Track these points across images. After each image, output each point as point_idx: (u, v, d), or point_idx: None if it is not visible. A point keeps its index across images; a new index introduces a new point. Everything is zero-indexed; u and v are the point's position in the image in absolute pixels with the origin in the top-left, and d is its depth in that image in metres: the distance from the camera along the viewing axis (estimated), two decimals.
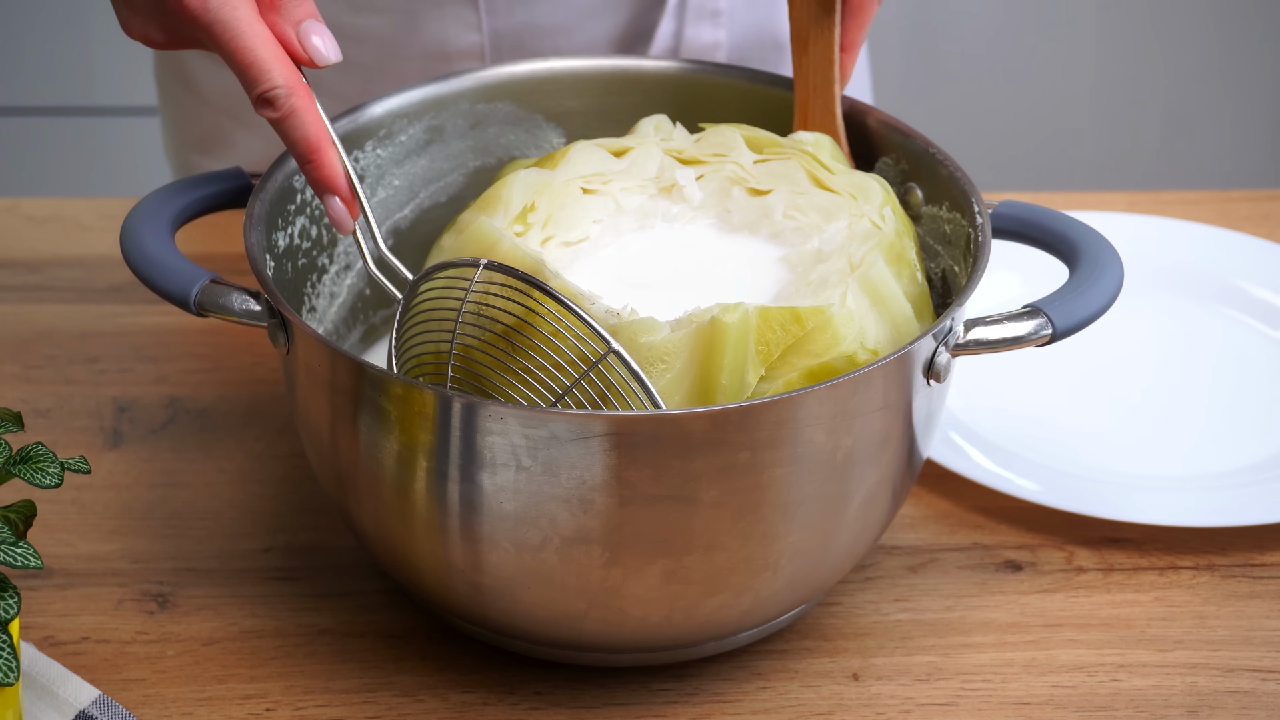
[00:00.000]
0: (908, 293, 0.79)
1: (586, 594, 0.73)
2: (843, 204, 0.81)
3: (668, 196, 0.84)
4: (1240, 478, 0.90)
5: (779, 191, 0.82)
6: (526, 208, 0.81)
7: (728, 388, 0.74)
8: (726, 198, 0.83)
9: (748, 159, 0.84)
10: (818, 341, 0.75)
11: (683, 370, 0.74)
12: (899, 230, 0.80)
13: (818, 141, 0.84)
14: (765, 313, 0.74)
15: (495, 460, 0.71)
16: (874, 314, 0.77)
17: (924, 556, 0.86)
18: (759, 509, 0.72)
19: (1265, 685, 0.79)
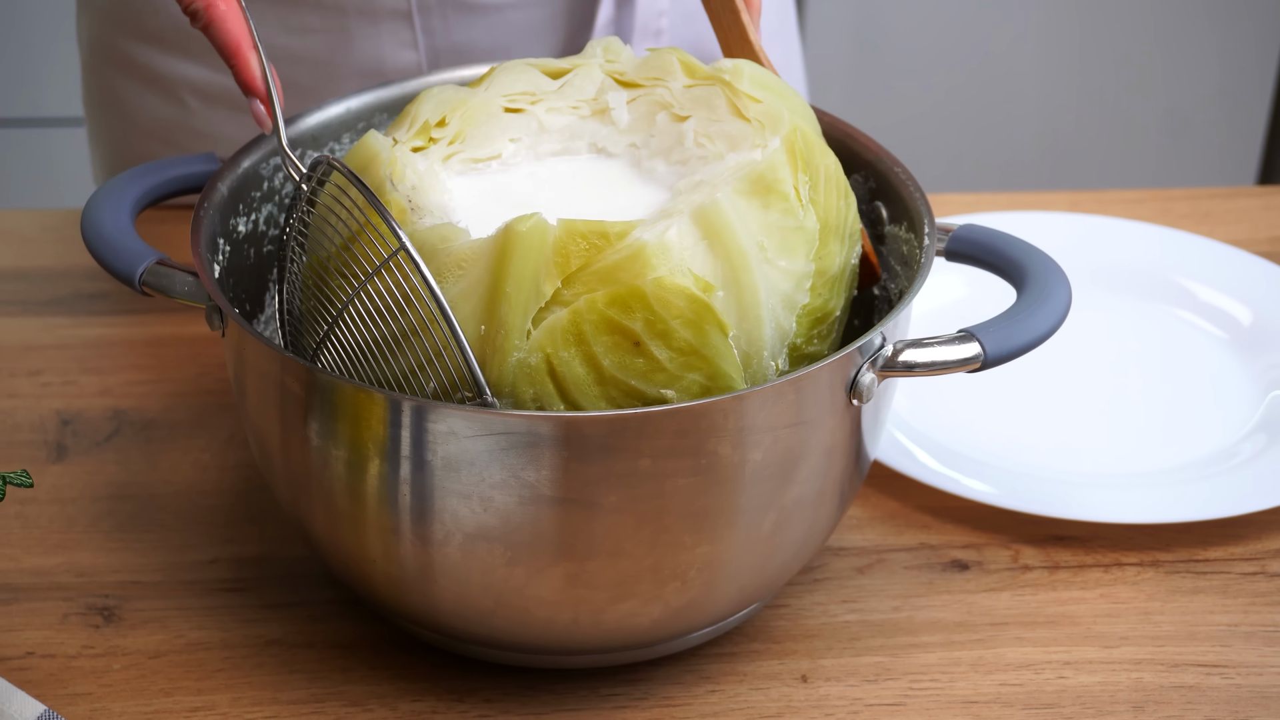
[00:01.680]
0: (773, 229, 0.76)
1: (492, 592, 0.74)
2: (749, 133, 0.78)
3: (599, 119, 0.82)
4: (1183, 474, 0.91)
5: (694, 119, 0.80)
6: (434, 122, 0.80)
7: (513, 297, 0.72)
8: (651, 123, 0.82)
9: (679, 84, 0.81)
10: (628, 268, 0.72)
11: (477, 279, 0.73)
12: (780, 161, 0.76)
13: (735, 69, 0.80)
14: (568, 225, 0.72)
15: (401, 453, 0.71)
16: (704, 246, 0.74)
17: (871, 557, 0.86)
18: (662, 518, 0.72)
19: (1209, 680, 0.80)
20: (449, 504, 0.72)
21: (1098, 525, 0.88)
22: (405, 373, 0.73)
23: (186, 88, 1.09)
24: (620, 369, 0.73)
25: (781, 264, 0.76)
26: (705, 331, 0.73)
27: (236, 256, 0.84)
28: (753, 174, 0.76)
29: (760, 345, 0.75)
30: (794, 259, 0.76)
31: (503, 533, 0.72)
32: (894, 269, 0.86)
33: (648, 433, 0.71)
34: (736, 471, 0.73)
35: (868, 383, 0.74)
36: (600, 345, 0.72)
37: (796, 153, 0.77)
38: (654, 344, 0.73)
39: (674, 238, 0.73)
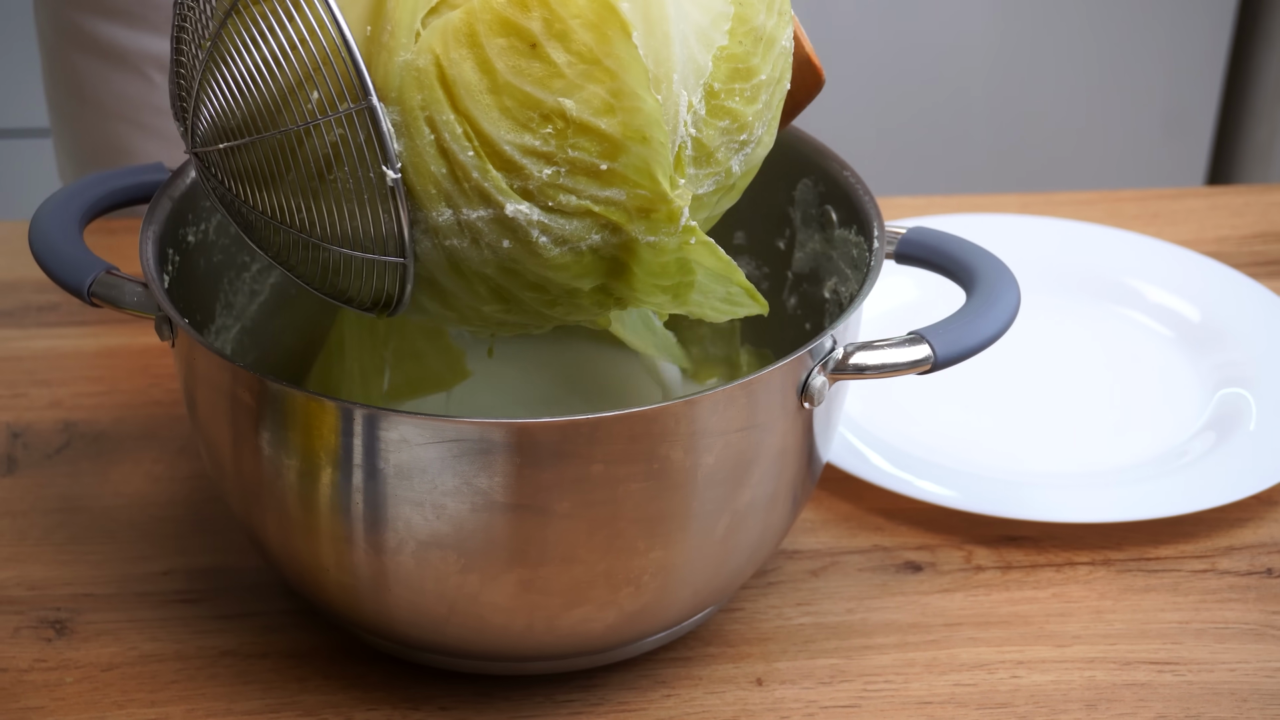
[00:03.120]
0: None
1: (446, 599, 0.74)
2: None
3: None
4: (1134, 474, 0.92)
5: None
6: None
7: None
8: None
9: None
10: None
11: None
12: None
13: None
14: None
15: (353, 462, 0.71)
16: None
17: (825, 560, 0.87)
18: (615, 523, 0.72)
19: (1161, 677, 0.80)
20: (401, 512, 0.72)
21: (1050, 525, 0.88)
22: (288, 89, 0.68)
23: (150, 62, 1.08)
24: (515, 73, 0.67)
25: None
26: (608, 37, 0.67)
27: (187, 266, 0.84)
28: None
29: (669, 67, 0.69)
30: None
31: (456, 540, 0.72)
32: (844, 272, 0.86)
33: (599, 438, 0.71)
34: (689, 476, 0.73)
35: (819, 385, 0.75)
36: (494, 47, 0.67)
37: None
38: (552, 46, 0.67)
39: None
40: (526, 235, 0.69)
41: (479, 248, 0.70)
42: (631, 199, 0.69)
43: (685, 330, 0.94)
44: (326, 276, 0.72)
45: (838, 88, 2.05)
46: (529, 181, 0.68)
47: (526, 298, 0.72)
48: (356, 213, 0.69)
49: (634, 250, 0.71)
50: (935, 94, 2.08)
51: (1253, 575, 0.86)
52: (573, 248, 0.70)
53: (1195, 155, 2.13)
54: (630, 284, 0.72)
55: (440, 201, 0.68)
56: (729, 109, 0.71)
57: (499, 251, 0.70)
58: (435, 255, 0.70)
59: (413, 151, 0.68)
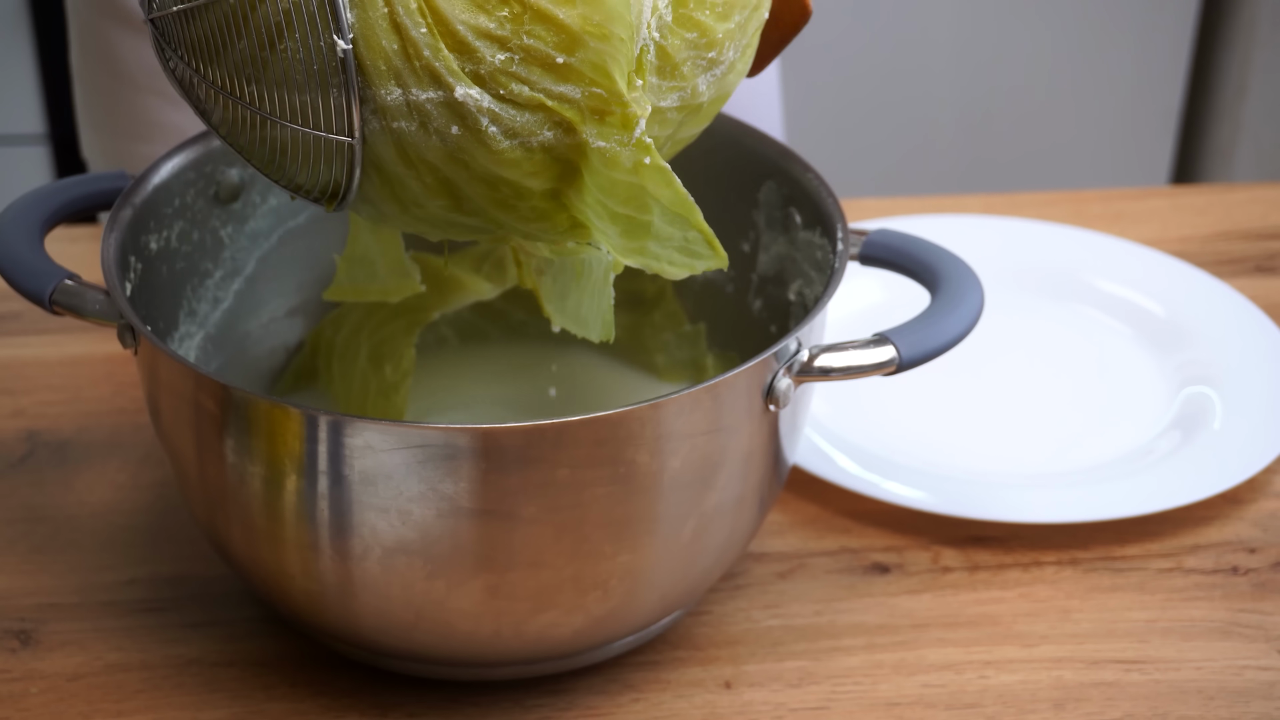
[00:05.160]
0: None
1: (413, 606, 0.73)
2: None
3: None
4: (1100, 473, 0.92)
5: None
6: None
7: None
8: None
9: None
10: None
11: None
12: None
13: None
14: None
15: (317, 468, 0.71)
16: None
17: (793, 562, 0.87)
18: (582, 527, 0.72)
19: (1129, 676, 0.80)
20: (367, 518, 0.72)
21: (1017, 525, 0.89)
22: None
23: None
24: None
25: None
26: None
27: (149, 274, 0.83)
28: None
29: None
30: None
31: (422, 546, 0.72)
32: (809, 275, 0.86)
33: (565, 442, 0.71)
34: (655, 479, 0.73)
35: (784, 388, 0.75)
36: None
37: None
38: None
39: None
40: (476, 123, 0.67)
41: (427, 133, 0.67)
42: (586, 97, 0.67)
43: (650, 336, 0.94)
44: (276, 158, 0.70)
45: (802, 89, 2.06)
46: (481, 66, 0.66)
47: (475, 193, 0.69)
48: (305, 86, 0.67)
49: (586, 155, 0.68)
50: (900, 96, 2.08)
51: (1218, 573, 0.86)
52: (523, 142, 0.68)
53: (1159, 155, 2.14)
54: (580, 194, 0.69)
55: (390, 79, 0.66)
56: (697, 21, 0.69)
57: (447, 139, 0.67)
58: (383, 139, 0.68)
59: (365, 24, 0.66)
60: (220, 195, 0.87)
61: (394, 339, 0.89)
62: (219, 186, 0.87)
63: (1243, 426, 0.94)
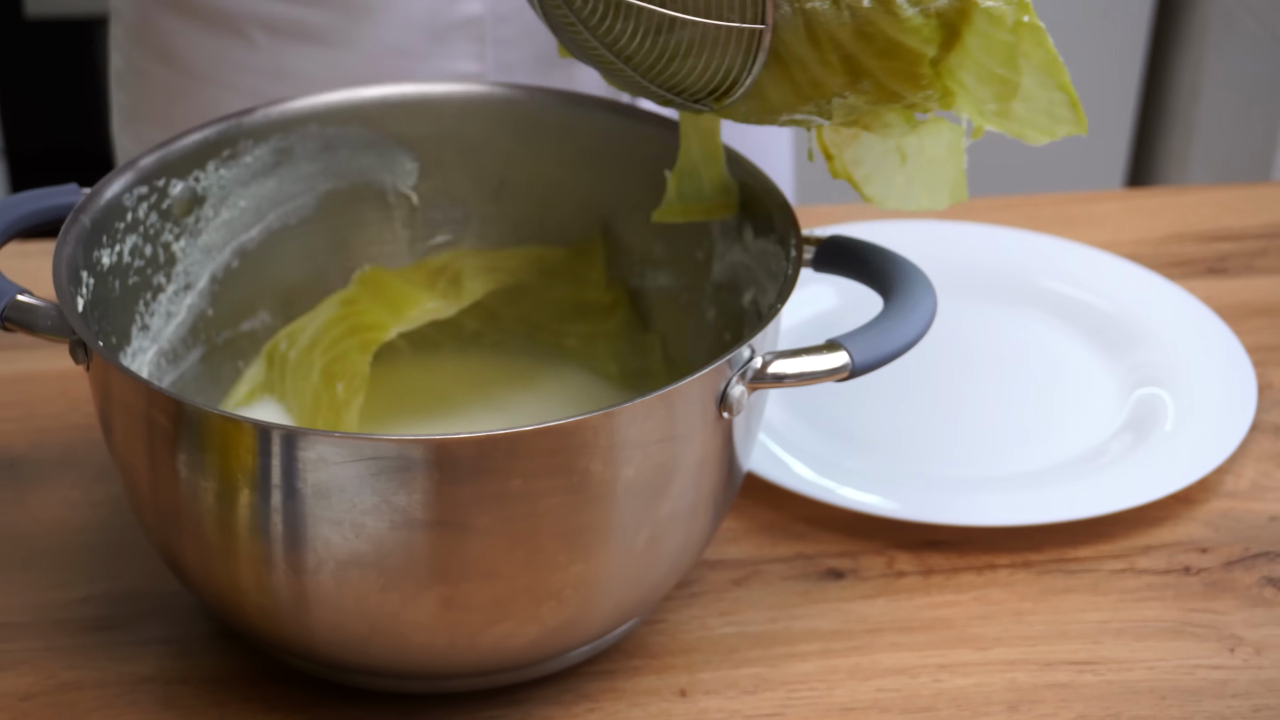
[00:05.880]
0: None
1: (367, 619, 0.73)
2: None
3: None
4: (1053, 475, 0.92)
5: None
6: None
7: None
8: None
9: None
10: None
11: None
12: None
13: None
14: None
15: (271, 482, 0.71)
16: None
17: (748, 569, 0.87)
18: (536, 537, 0.72)
19: (1082, 677, 0.81)
20: (321, 532, 0.72)
21: (970, 529, 0.89)
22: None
23: (255, 23, 1.08)
24: None
25: None
26: None
27: (101, 289, 0.83)
28: None
29: None
30: None
31: (376, 559, 0.72)
32: (762, 282, 0.86)
33: (519, 452, 0.71)
34: (609, 488, 0.73)
35: (738, 395, 0.75)
36: None
37: None
38: None
39: None
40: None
41: (839, 8, 0.71)
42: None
43: (605, 345, 0.94)
44: (669, 63, 0.73)
45: None
46: None
47: (875, 66, 0.72)
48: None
49: (969, 17, 0.72)
50: None
51: (1170, 574, 0.87)
52: (923, 9, 0.71)
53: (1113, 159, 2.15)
54: (961, 57, 0.73)
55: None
56: None
57: (857, 13, 0.71)
58: (793, 22, 0.71)
59: None
60: (173, 209, 0.87)
61: (348, 356, 0.89)
62: (172, 200, 0.87)
63: (1194, 427, 0.94)
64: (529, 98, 0.92)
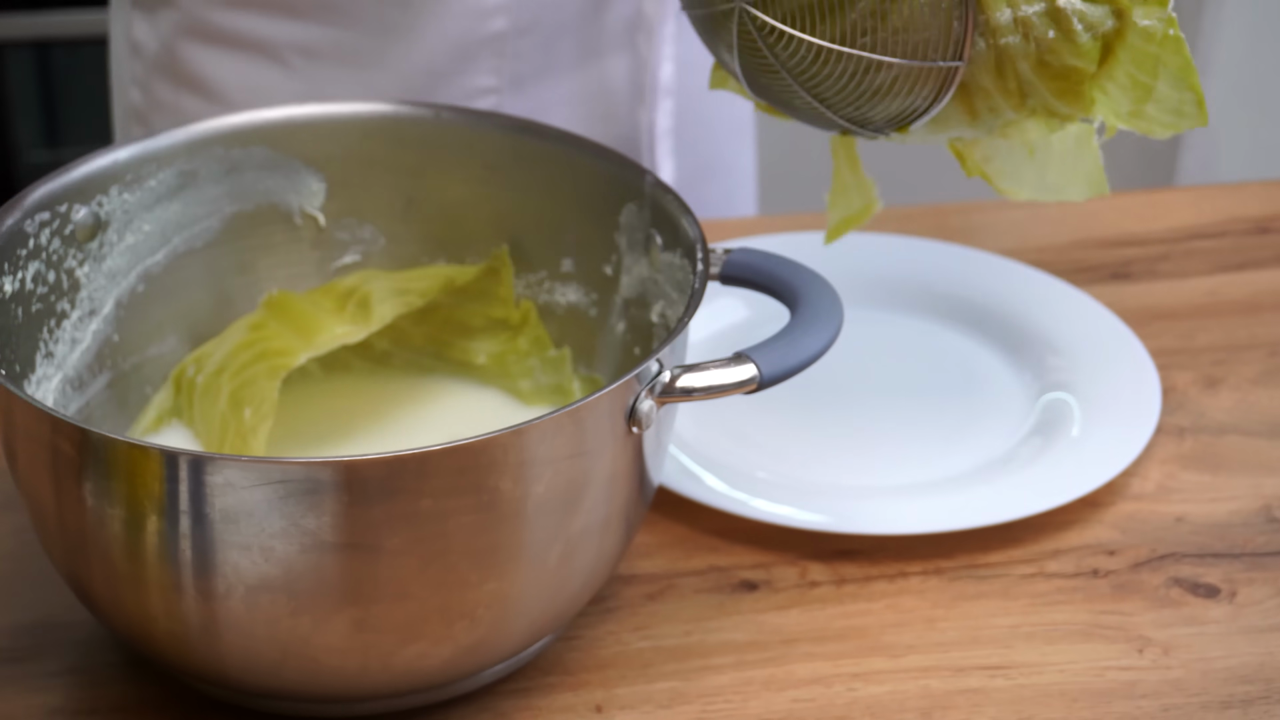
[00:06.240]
0: None
1: (278, 643, 0.73)
2: None
3: None
4: (963, 482, 0.93)
5: None
6: None
7: None
8: None
9: None
10: None
11: None
12: None
13: None
14: None
15: (178, 508, 0.70)
16: None
17: (662, 583, 0.87)
18: (447, 557, 0.72)
19: (994, 682, 0.82)
20: (230, 557, 0.71)
21: (882, 538, 0.89)
22: None
23: (292, 48, 1.09)
24: None
25: None
26: None
27: (3, 317, 0.82)
28: None
29: None
30: None
31: (286, 582, 0.72)
32: (671, 296, 0.86)
33: (427, 472, 0.70)
34: (519, 506, 0.73)
35: (646, 409, 0.75)
36: None
37: None
38: None
39: None
40: (1069, 24, 0.78)
41: (1027, 42, 0.78)
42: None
43: (515, 362, 0.94)
44: (865, 100, 0.81)
45: None
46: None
47: (1047, 87, 0.79)
48: (927, 25, 0.77)
49: (1125, 36, 0.78)
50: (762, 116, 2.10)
51: (1079, 577, 0.88)
52: (1094, 34, 0.78)
53: None
54: (1111, 70, 0.79)
55: (1003, 2, 0.77)
56: None
57: (1042, 43, 0.78)
58: (985, 56, 0.78)
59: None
60: (76, 235, 0.87)
61: (256, 382, 0.89)
62: (75, 226, 0.86)
63: (1101, 431, 0.96)
64: (434, 116, 0.92)
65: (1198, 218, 1.18)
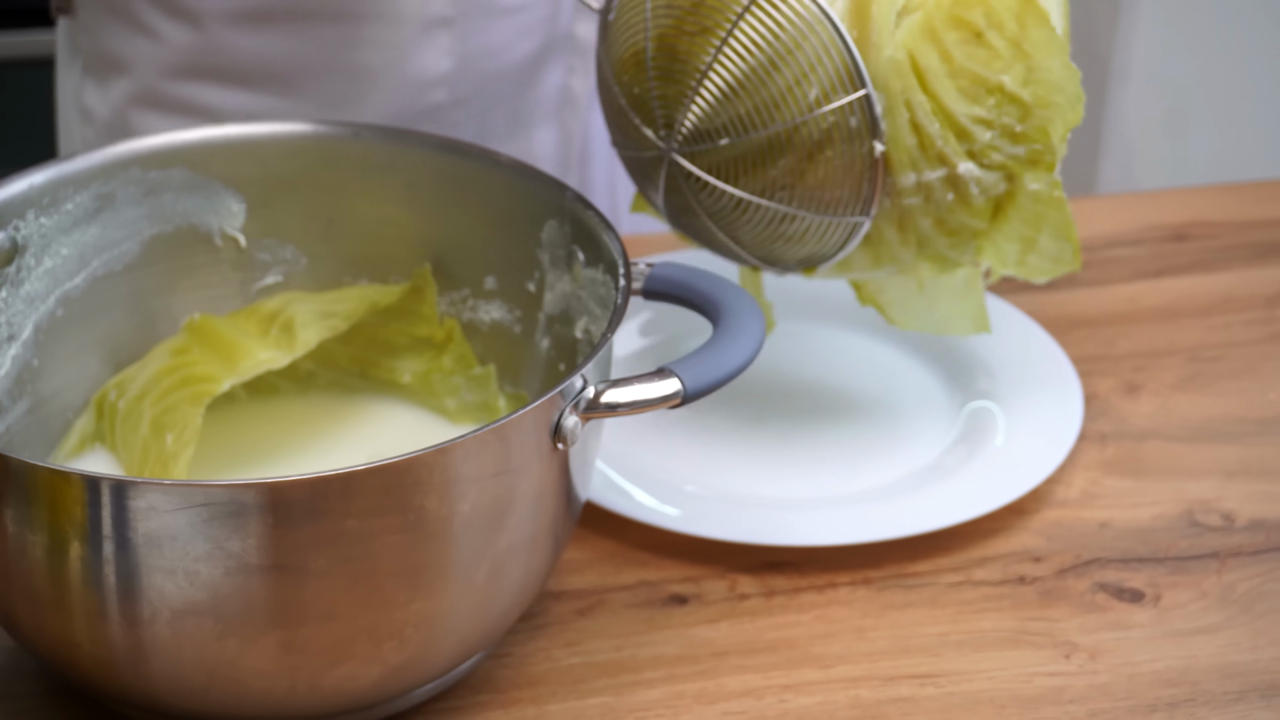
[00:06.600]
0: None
1: (205, 667, 0.72)
2: None
3: None
4: (890, 492, 0.94)
5: None
6: None
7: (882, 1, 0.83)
8: None
9: None
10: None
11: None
12: None
13: None
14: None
15: (101, 534, 0.70)
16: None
17: (592, 599, 0.87)
18: (374, 577, 0.72)
19: (924, 691, 0.82)
20: (154, 581, 0.71)
21: (811, 549, 0.90)
22: (785, 89, 0.83)
23: (240, 116, 1.09)
24: (967, 58, 0.83)
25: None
26: (1028, 23, 0.83)
27: None
28: None
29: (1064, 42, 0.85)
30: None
31: (211, 605, 0.71)
32: (594, 312, 0.86)
33: (352, 492, 0.70)
34: (445, 524, 0.73)
35: (571, 426, 0.75)
36: (950, 39, 0.83)
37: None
38: (991, 34, 0.83)
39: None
40: (966, 189, 0.85)
41: (929, 203, 0.85)
42: (1029, 154, 0.85)
43: (440, 381, 0.94)
44: (774, 244, 0.88)
45: None
46: (973, 144, 0.84)
47: (941, 240, 0.87)
48: (839, 184, 0.83)
49: (1015, 198, 0.86)
50: None
51: (1006, 584, 0.88)
52: (988, 196, 0.86)
53: None
54: (1001, 225, 0.87)
55: (908, 168, 0.84)
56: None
57: (941, 205, 0.85)
58: (889, 212, 0.85)
59: (892, 128, 0.84)
60: None
61: (179, 408, 0.88)
62: None
63: (1024, 439, 0.96)
64: (353, 135, 0.92)
65: (1116, 226, 1.19)
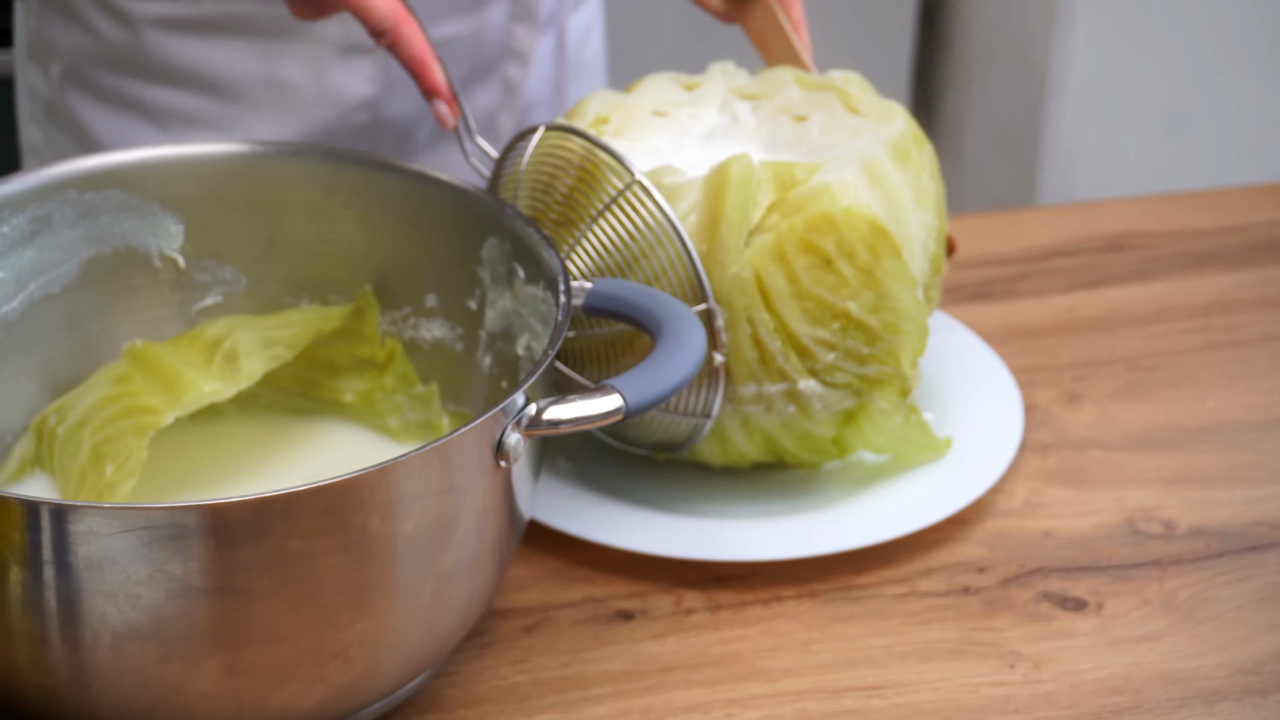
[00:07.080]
0: (911, 185, 0.90)
1: (149, 691, 0.72)
2: (868, 125, 0.93)
3: (730, 124, 0.96)
4: (833, 505, 0.94)
5: (816, 118, 0.94)
6: (601, 118, 0.94)
7: (732, 219, 0.86)
8: (775, 123, 0.95)
9: (795, 93, 0.96)
10: (819, 201, 0.86)
11: (697, 206, 0.87)
12: (908, 137, 0.92)
13: (845, 79, 0.97)
14: (766, 165, 0.88)
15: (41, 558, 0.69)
16: (871, 190, 0.88)
17: (538, 616, 0.87)
18: (317, 598, 0.72)
19: (870, 702, 0.82)
20: (95, 605, 0.70)
21: (756, 563, 0.90)
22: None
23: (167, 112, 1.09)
24: (814, 282, 0.86)
25: (919, 214, 0.90)
26: (880, 254, 0.87)
27: None
28: (892, 143, 0.91)
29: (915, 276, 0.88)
30: (926, 212, 0.91)
31: (154, 629, 0.71)
32: (536, 329, 0.86)
33: (294, 513, 0.70)
34: (389, 544, 0.72)
35: (514, 443, 0.75)
36: (799, 263, 0.86)
37: (914, 136, 0.92)
38: (842, 262, 0.86)
39: (850, 178, 0.88)
40: (808, 404, 0.88)
41: (770, 412, 0.89)
42: (878, 374, 0.89)
43: (382, 400, 0.94)
44: (624, 429, 0.91)
45: None
46: (817, 364, 0.88)
47: (789, 444, 0.91)
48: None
49: (867, 411, 0.90)
50: None
51: (950, 595, 0.89)
52: (833, 410, 0.89)
53: None
54: (855, 433, 0.91)
55: (749, 379, 0.87)
56: (930, 297, 0.92)
57: (783, 415, 0.89)
58: (733, 417, 0.89)
59: (733, 341, 0.87)
60: None
61: (121, 438, 0.87)
62: None
63: (966, 450, 0.97)
64: (292, 155, 0.91)
65: (1054, 237, 1.20)
